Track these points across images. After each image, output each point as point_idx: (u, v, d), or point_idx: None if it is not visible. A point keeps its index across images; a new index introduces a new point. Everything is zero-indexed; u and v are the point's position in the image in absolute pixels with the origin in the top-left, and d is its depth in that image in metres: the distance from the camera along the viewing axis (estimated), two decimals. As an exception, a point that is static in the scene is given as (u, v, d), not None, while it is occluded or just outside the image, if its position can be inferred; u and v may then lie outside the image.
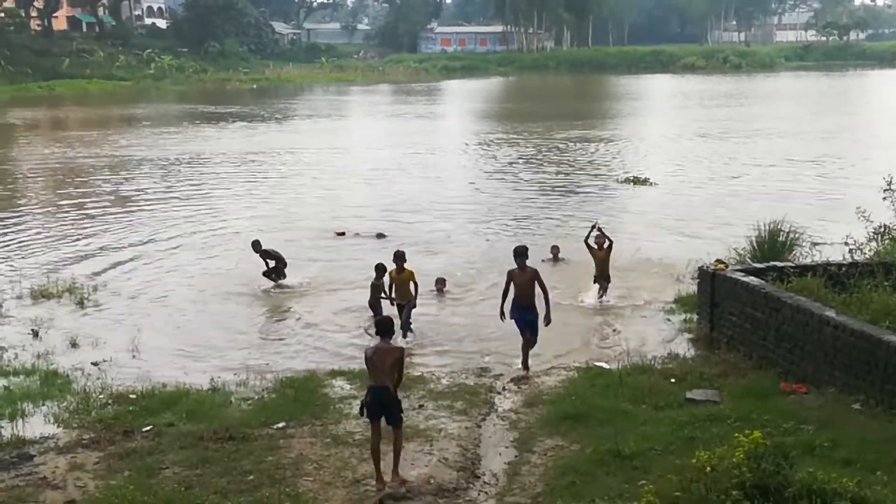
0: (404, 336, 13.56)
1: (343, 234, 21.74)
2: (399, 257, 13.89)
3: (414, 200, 26.41)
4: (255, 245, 17.11)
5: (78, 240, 21.71)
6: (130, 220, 24.14)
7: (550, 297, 12.27)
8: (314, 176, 31.94)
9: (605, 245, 15.32)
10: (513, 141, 41.14)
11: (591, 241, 15.44)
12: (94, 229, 22.97)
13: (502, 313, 12.17)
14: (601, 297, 15.38)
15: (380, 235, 21.44)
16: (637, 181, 28.61)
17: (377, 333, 9.24)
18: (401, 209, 25.09)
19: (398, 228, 22.30)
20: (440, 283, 16.49)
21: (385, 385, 8.56)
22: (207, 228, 23.09)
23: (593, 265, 15.56)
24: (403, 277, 13.83)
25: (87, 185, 30.61)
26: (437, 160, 35.95)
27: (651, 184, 28.23)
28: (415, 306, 13.99)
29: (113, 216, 24.79)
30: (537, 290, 12.03)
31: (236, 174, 32.90)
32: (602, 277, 15.34)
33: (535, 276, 11.95)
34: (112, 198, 27.98)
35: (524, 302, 11.91)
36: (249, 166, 34.91)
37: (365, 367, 8.91)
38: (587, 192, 27.69)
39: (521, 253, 11.94)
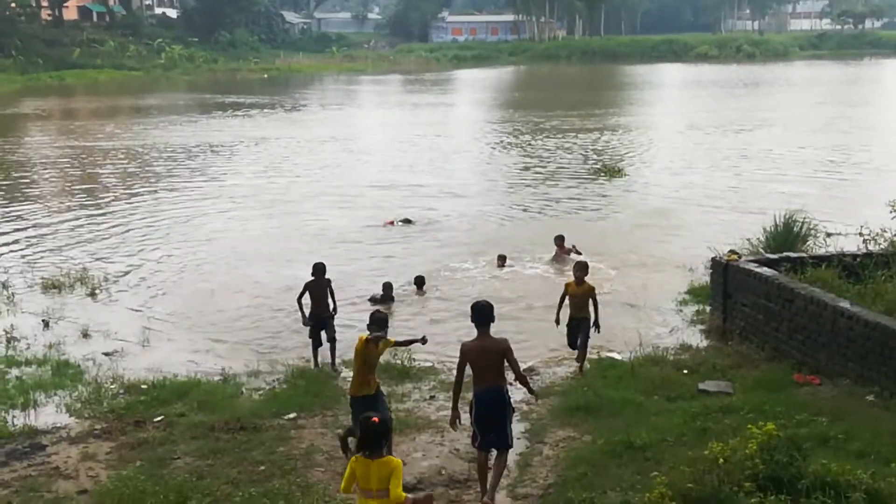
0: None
1: (392, 223, 21.56)
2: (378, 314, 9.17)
3: (424, 188, 26.57)
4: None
5: (89, 230, 21.75)
6: (142, 210, 24.18)
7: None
8: (332, 163, 32.08)
9: (584, 278, 11.96)
10: (515, 132, 41.06)
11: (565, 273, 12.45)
12: (105, 219, 23.02)
13: (455, 411, 8.35)
14: (579, 361, 11.96)
15: (406, 221, 21.50)
16: (611, 171, 28.28)
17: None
18: (414, 194, 25.28)
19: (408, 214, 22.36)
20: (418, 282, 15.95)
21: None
22: (221, 219, 23.14)
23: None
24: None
25: (99, 175, 30.71)
26: (443, 150, 35.86)
27: (625, 175, 28.05)
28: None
29: (125, 206, 24.85)
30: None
31: (252, 163, 32.93)
32: (578, 319, 11.94)
33: (506, 351, 8.13)
34: (124, 188, 28.06)
35: (488, 381, 8.12)
36: (266, 154, 34.99)
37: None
38: (576, 183, 27.39)
39: (484, 319, 8.17)
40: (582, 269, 12.08)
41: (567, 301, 12.02)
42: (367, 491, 6.25)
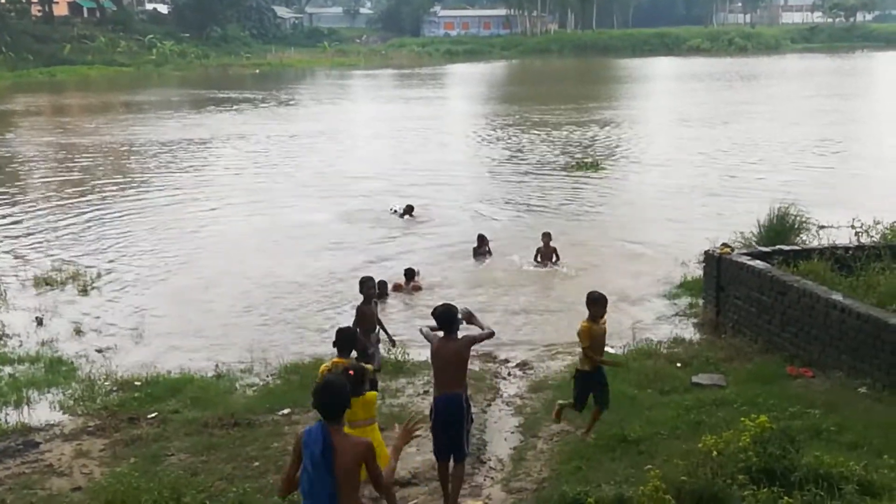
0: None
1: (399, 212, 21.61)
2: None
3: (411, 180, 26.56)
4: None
5: (81, 227, 21.65)
6: (134, 207, 24.08)
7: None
8: (323, 158, 31.99)
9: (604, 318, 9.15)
10: (506, 125, 40.98)
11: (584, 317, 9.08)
12: (96, 216, 22.92)
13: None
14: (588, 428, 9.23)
15: (408, 208, 21.54)
16: (587, 166, 28.15)
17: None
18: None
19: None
20: (409, 276, 15.68)
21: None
22: (212, 215, 23.07)
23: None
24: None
25: (89, 171, 30.54)
26: (434, 144, 35.84)
27: (600, 168, 27.95)
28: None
29: (116, 203, 24.74)
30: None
31: (244, 158, 32.79)
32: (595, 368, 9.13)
33: (467, 344, 7.77)
34: (115, 184, 27.91)
35: (446, 387, 7.79)
36: (257, 149, 34.86)
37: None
38: (567, 176, 27.27)
39: (445, 324, 7.75)
40: (601, 303, 8.98)
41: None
42: (355, 422, 7.27)
